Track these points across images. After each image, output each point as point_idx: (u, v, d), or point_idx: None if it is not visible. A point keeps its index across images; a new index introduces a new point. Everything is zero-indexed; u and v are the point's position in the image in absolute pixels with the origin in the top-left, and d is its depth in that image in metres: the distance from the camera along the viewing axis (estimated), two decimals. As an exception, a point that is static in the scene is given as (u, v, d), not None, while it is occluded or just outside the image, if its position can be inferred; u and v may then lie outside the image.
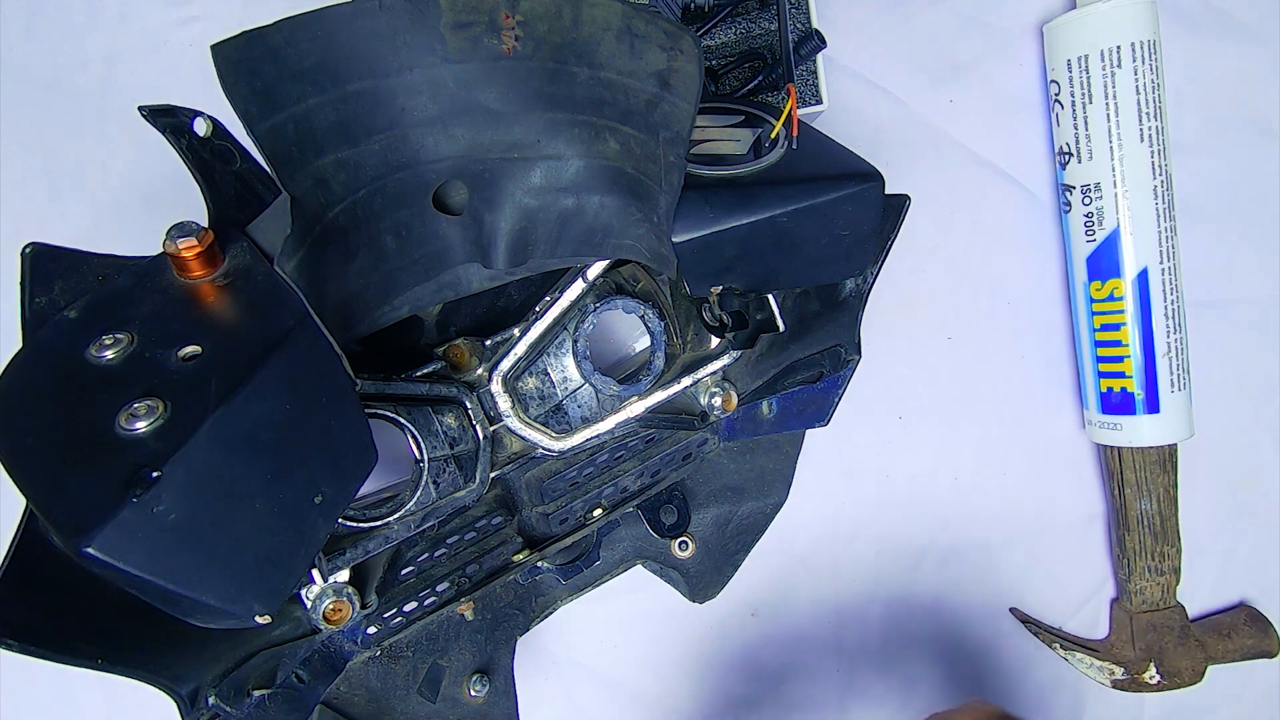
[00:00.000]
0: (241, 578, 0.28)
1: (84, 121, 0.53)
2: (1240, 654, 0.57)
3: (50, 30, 0.53)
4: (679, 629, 0.57)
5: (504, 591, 0.49)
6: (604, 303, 0.43)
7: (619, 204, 0.36)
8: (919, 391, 0.59)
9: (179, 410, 0.27)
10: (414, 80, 0.32)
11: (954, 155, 0.58)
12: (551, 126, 0.34)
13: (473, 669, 0.47)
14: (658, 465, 0.49)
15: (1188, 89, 0.58)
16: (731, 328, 0.45)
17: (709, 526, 0.54)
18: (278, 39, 0.30)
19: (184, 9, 0.54)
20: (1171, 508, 0.56)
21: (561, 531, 0.49)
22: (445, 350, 0.42)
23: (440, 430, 0.41)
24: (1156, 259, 0.53)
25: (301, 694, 0.41)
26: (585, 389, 0.45)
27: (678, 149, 0.35)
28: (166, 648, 0.36)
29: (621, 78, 0.33)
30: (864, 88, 0.57)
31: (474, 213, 0.36)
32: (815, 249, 0.40)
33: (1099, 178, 0.54)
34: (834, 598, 0.58)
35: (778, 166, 0.40)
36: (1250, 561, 0.60)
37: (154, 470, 0.25)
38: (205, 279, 0.32)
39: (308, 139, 0.32)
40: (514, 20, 0.31)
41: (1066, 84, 0.54)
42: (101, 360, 0.29)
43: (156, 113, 0.32)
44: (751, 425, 0.51)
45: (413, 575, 0.44)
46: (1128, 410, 0.55)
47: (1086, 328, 0.56)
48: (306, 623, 0.41)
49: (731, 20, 0.49)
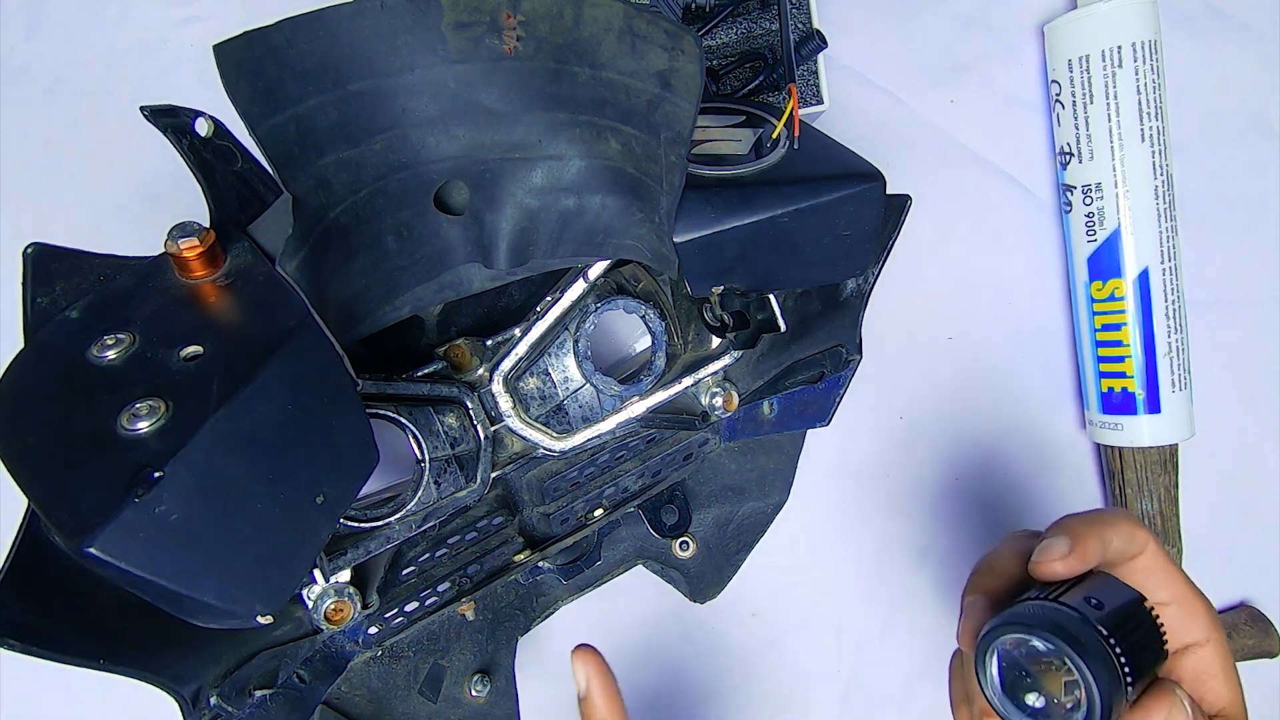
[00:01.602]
0: (243, 578, 0.28)
1: (85, 121, 0.53)
2: (1240, 654, 0.57)
3: (50, 30, 0.53)
4: (679, 629, 0.57)
5: (505, 591, 0.49)
6: (605, 303, 0.43)
7: (620, 204, 0.36)
8: (919, 391, 0.59)
9: (181, 410, 0.27)
10: (415, 80, 0.32)
11: (955, 155, 0.58)
12: (553, 127, 0.34)
13: (474, 669, 0.47)
14: (659, 465, 0.49)
15: (1188, 89, 0.58)
16: (732, 328, 0.45)
17: (710, 526, 0.54)
18: (279, 39, 0.30)
19: (185, 9, 0.54)
20: (1172, 508, 0.56)
21: (562, 531, 0.49)
22: (446, 350, 0.42)
23: (441, 430, 0.41)
24: (1157, 259, 0.53)
25: (303, 694, 0.41)
26: (586, 389, 0.45)
27: (679, 149, 0.35)
28: (168, 648, 0.36)
29: (623, 78, 0.33)
30: (865, 88, 0.57)
31: (475, 213, 0.36)
32: (816, 249, 0.40)
33: (1100, 178, 0.54)
34: (834, 598, 0.58)
35: (779, 166, 0.40)
36: (1250, 561, 0.60)
37: (156, 470, 0.25)
38: (207, 279, 0.32)
39: (309, 139, 0.32)
40: (515, 20, 0.31)
41: (1067, 84, 0.54)
42: (103, 360, 0.29)
43: (158, 113, 0.32)
44: (752, 425, 0.51)
45: (414, 575, 0.44)
46: (1128, 410, 0.55)
47: (1087, 328, 0.56)
48: (308, 623, 0.41)
49: (732, 20, 0.49)
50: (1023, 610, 0.33)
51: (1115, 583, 0.34)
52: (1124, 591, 0.34)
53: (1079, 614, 0.31)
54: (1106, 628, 0.31)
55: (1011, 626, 0.32)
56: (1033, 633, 0.31)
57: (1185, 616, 0.37)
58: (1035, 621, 0.32)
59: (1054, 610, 0.32)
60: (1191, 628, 0.37)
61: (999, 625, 0.32)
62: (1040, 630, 0.31)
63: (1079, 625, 0.31)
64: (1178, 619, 0.36)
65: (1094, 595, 0.33)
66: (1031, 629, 0.31)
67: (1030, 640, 0.32)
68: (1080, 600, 0.32)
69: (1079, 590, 0.33)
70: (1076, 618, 0.31)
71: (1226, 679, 0.37)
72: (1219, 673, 0.37)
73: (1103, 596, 0.33)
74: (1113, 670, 0.30)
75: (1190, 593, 0.37)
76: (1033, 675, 0.33)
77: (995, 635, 0.33)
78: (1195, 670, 0.37)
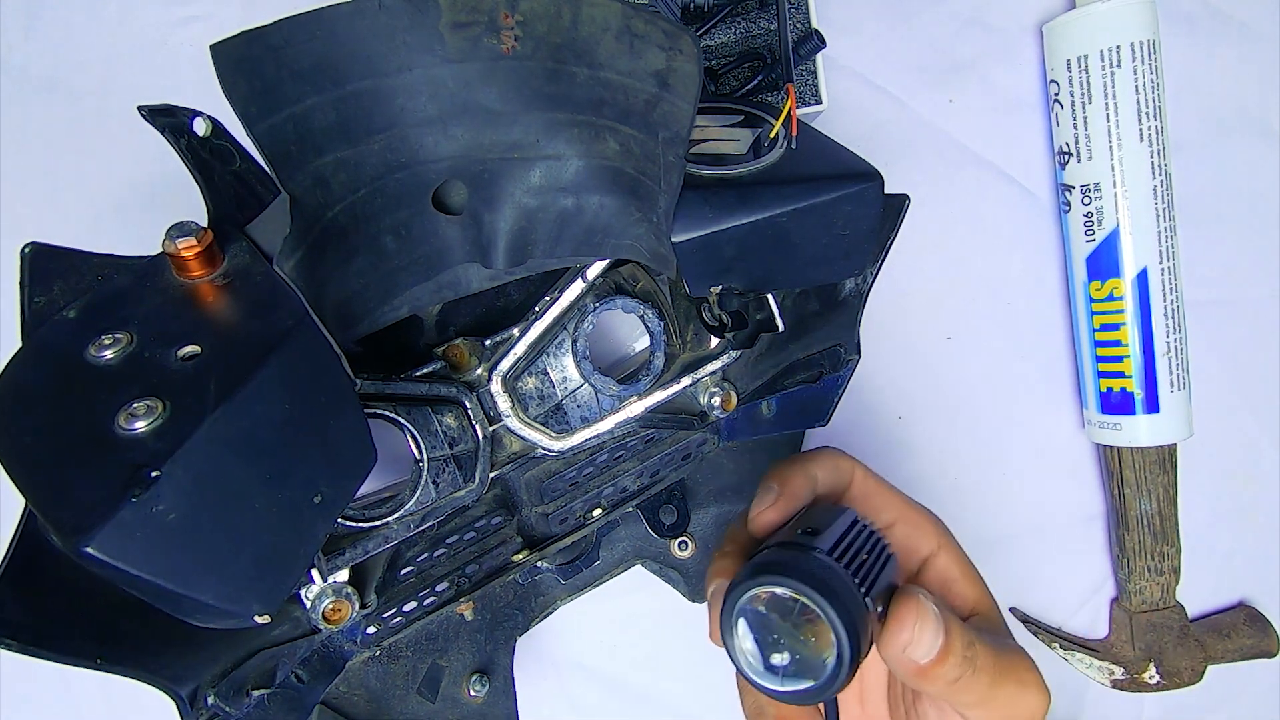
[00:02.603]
0: (241, 577, 0.27)
1: (84, 121, 0.53)
2: (1240, 654, 0.57)
3: (50, 30, 0.53)
4: (679, 629, 0.57)
5: (504, 591, 0.49)
6: (603, 303, 0.43)
7: (618, 204, 0.36)
8: (919, 391, 0.59)
9: (178, 410, 0.27)
10: (413, 80, 0.32)
11: (954, 155, 0.58)
12: (551, 126, 0.34)
13: (472, 669, 0.47)
14: (657, 465, 0.49)
15: (1188, 89, 0.58)
16: (731, 328, 0.45)
17: (709, 526, 0.54)
18: (277, 39, 0.30)
19: (184, 9, 0.54)
20: (1171, 508, 0.56)
21: (561, 531, 0.49)
22: (445, 350, 0.42)
23: (440, 430, 0.41)
24: (1156, 259, 0.53)
25: (301, 694, 0.41)
26: (585, 389, 0.45)
27: (677, 149, 0.35)
28: (166, 648, 0.36)
29: (621, 78, 0.33)
30: (864, 88, 0.57)
31: (473, 212, 0.36)
32: (815, 249, 0.40)
33: (1099, 178, 0.54)
34: (834, 598, 0.58)
35: (777, 166, 0.40)
36: (1250, 561, 0.60)
37: (153, 470, 0.25)
38: (204, 279, 0.32)
39: (307, 139, 0.32)
40: (513, 20, 0.31)
41: (1066, 84, 0.54)
42: (101, 360, 0.29)
43: (156, 112, 0.32)
44: (751, 425, 0.51)
45: (412, 575, 0.44)
46: (1127, 410, 0.55)
47: (1086, 328, 0.56)
48: (306, 622, 0.41)
49: (731, 20, 0.49)
50: (745, 570, 0.30)
51: (823, 509, 0.33)
52: (832, 513, 0.33)
53: (796, 546, 0.30)
54: (826, 551, 0.29)
55: (737, 589, 0.29)
56: (757, 584, 0.29)
57: (912, 531, 0.37)
58: (755, 572, 0.29)
59: (773, 555, 0.30)
60: (921, 541, 0.37)
61: (729, 595, 0.30)
62: (763, 579, 0.29)
63: (797, 558, 0.29)
64: (905, 535, 0.37)
65: (807, 526, 0.31)
66: (756, 582, 0.29)
67: (760, 591, 0.29)
68: (797, 536, 0.31)
69: (793, 528, 0.32)
70: (794, 553, 0.30)
71: (969, 579, 0.37)
72: (959, 575, 0.37)
73: (816, 524, 0.31)
74: (848, 590, 0.29)
75: (910, 507, 0.38)
76: (780, 633, 0.30)
77: (730, 607, 0.30)
78: (936, 579, 0.37)
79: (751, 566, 0.30)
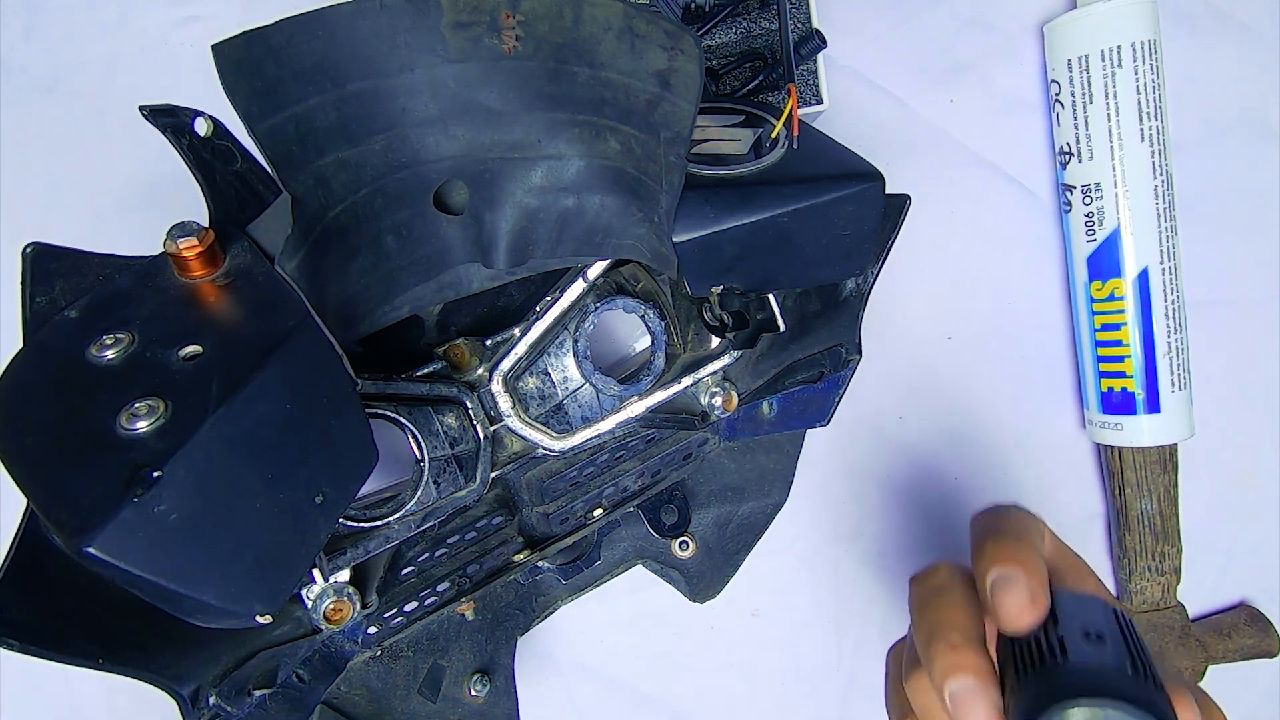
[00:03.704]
0: (242, 577, 0.28)
1: (84, 121, 0.53)
2: (1240, 654, 0.57)
3: (50, 30, 0.53)
4: (679, 629, 0.57)
5: (504, 591, 0.49)
6: (604, 302, 0.43)
7: (620, 204, 0.36)
8: (919, 391, 0.59)
9: (180, 410, 0.27)
10: (415, 80, 0.32)
11: (954, 155, 0.58)
12: (552, 126, 0.34)
13: (473, 669, 0.47)
14: (658, 465, 0.49)
15: (1188, 89, 0.58)
16: (732, 328, 0.45)
17: (709, 526, 0.54)
18: (278, 39, 0.30)
19: (184, 9, 0.54)
20: (1172, 508, 0.56)
21: (562, 531, 0.49)
22: (446, 350, 0.42)
23: (441, 430, 0.41)
24: (1157, 259, 0.53)
25: (302, 694, 0.41)
26: (586, 389, 0.45)
27: (678, 149, 0.35)
28: (167, 648, 0.36)
29: (622, 77, 0.33)
30: (864, 88, 0.57)
31: (475, 212, 0.36)
32: (816, 249, 0.40)
33: (1099, 177, 0.54)
34: (834, 598, 0.58)
35: (778, 166, 0.40)
36: (1250, 561, 0.60)
37: (155, 470, 0.25)
38: (206, 279, 0.32)
39: (308, 139, 0.32)
40: (515, 20, 0.31)
41: (1067, 84, 0.54)
42: (102, 360, 0.29)
43: (157, 112, 0.32)
44: (752, 425, 0.51)
45: (413, 575, 0.44)
46: (1128, 410, 0.55)
47: (1087, 327, 0.56)
48: (307, 623, 0.41)
49: (732, 20, 0.49)
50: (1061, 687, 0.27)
51: (1071, 598, 0.31)
52: (1091, 606, 0.30)
53: (1098, 661, 0.28)
54: (1126, 660, 0.28)
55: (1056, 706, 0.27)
56: (1082, 704, 0.27)
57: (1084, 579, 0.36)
58: (1080, 692, 0.27)
59: (1096, 672, 0.27)
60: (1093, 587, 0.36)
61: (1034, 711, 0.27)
62: (1096, 701, 0.27)
63: (1115, 676, 0.27)
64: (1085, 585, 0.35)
65: (1084, 628, 0.29)
66: (1082, 702, 0.27)
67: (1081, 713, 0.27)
68: (1083, 641, 0.28)
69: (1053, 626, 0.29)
70: (1117, 672, 0.27)
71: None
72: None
73: (1087, 624, 0.29)
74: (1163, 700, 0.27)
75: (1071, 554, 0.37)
76: None
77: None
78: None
79: (1072, 686, 0.27)
